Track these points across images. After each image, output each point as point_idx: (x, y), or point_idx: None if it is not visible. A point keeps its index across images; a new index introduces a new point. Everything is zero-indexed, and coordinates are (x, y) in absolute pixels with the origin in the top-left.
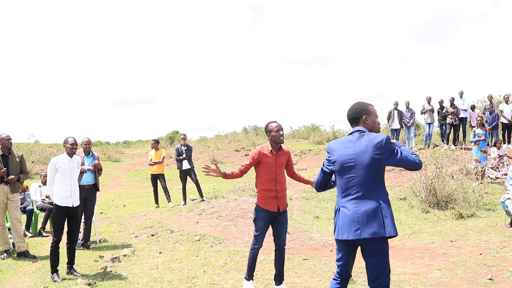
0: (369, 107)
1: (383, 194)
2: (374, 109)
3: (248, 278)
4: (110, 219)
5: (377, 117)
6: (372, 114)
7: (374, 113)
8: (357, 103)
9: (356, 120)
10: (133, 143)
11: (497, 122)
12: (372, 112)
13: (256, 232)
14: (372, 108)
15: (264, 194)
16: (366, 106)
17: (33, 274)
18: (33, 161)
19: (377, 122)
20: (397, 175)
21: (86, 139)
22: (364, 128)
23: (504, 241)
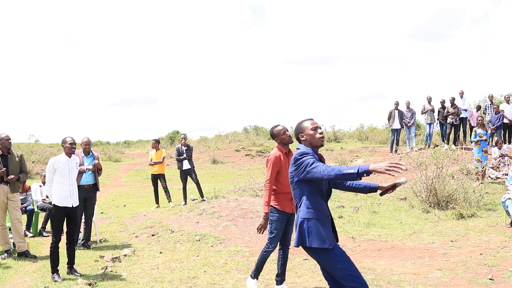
0: (301, 124)
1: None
2: (307, 123)
3: (254, 276)
4: (111, 219)
5: (312, 128)
6: (306, 129)
7: (307, 127)
8: (296, 125)
9: (299, 140)
10: (134, 143)
11: (501, 122)
12: (305, 127)
13: (271, 235)
14: (304, 123)
15: (280, 196)
16: (299, 125)
17: (34, 274)
18: (34, 161)
19: (314, 133)
20: (398, 175)
21: (86, 139)
22: (303, 145)
23: (505, 241)
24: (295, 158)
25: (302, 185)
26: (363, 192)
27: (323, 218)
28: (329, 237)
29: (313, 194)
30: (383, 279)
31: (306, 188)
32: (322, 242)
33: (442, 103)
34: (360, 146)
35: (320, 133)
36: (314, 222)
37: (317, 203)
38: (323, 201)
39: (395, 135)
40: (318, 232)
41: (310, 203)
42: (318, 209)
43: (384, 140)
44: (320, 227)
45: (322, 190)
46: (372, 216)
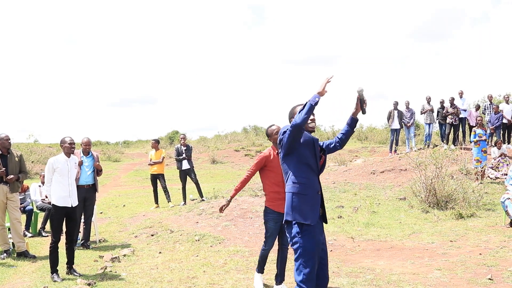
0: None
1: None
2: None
3: (259, 271)
4: (110, 219)
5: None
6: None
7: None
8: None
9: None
10: (133, 143)
11: (501, 122)
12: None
13: (267, 233)
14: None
15: (272, 196)
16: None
17: (33, 274)
18: (33, 161)
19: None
20: (397, 175)
21: (86, 140)
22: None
23: (504, 241)
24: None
25: (288, 159)
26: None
27: (311, 193)
28: (312, 213)
29: (299, 168)
30: (382, 279)
31: (292, 162)
32: (301, 216)
33: (442, 103)
34: (359, 146)
35: (312, 119)
36: (299, 197)
37: (304, 177)
38: (312, 175)
39: (394, 135)
40: (300, 207)
41: (296, 178)
42: (304, 183)
43: (384, 140)
44: (304, 202)
45: (310, 163)
46: (371, 216)
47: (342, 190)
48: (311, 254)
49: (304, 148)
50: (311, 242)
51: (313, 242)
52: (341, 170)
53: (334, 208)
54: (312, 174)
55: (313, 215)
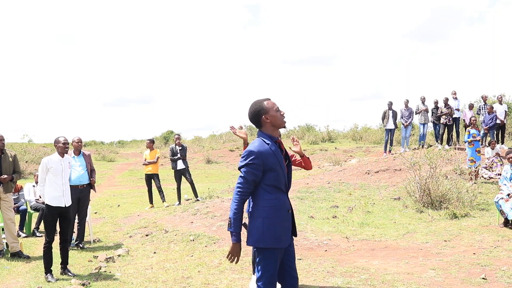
0: (263, 104)
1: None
2: (270, 102)
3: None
4: (105, 219)
5: (275, 109)
6: (270, 110)
7: (270, 107)
8: (253, 104)
9: (258, 123)
10: (128, 143)
11: (495, 122)
12: (268, 107)
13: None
14: (267, 103)
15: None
16: (260, 105)
17: (27, 274)
18: (27, 161)
19: (277, 115)
20: (392, 175)
21: (77, 138)
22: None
23: (498, 240)
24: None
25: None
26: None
27: (281, 213)
28: (283, 235)
29: (267, 190)
30: (377, 278)
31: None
32: (274, 242)
33: (436, 104)
34: (354, 146)
35: (282, 114)
36: (271, 221)
37: (274, 199)
38: (282, 194)
39: (389, 135)
40: (273, 232)
41: (264, 201)
42: (276, 205)
43: (378, 140)
44: (276, 226)
45: (278, 184)
46: (366, 216)
47: (337, 190)
48: (273, 259)
49: (271, 171)
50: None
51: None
52: (336, 170)
53: (329, 208)
54: (281, 193)
55: (286, 236)
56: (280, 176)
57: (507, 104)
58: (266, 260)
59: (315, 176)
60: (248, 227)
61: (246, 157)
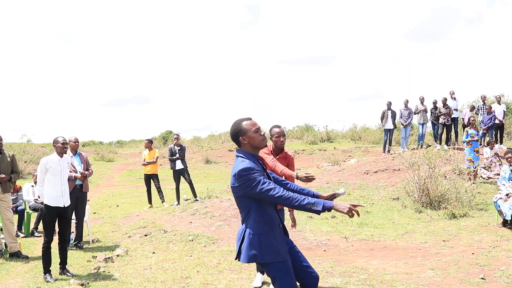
0: (241, 125)
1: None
2: (249, 123)
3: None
4: (103, 219)
5: (255, 130)
6: (248, 131)
7: (249, 128)
8: (233, 124)
9: (238, 143)
10: (127, 143)
11: (493, 122)
12: (246, 128)
13: None
14: (245, 124)
15: None
16: (238, 126)
17: (26, 274)
18: (26, 161)
19: (256, 136)
20: (390, 175)
21: (74, 138)
22: (244, 150)
23: (496, 240)
24: (239, 174)
25: (247, 199)
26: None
27: (275, 228)
28: (281, 249)
29: (261, 206)
30: (375, 278)
31: (253, 202)
32: (275, 256)
33: (434, 104)
34: (353, 146)
35: (262, 134)
36: (267, 237)
37: (268, 215)
38: (272, 210)
39: (387, 135)
40: (270, 247)
41: (259, 217)
42: (269, 221)
43: (377, 140)
44: (272, 241)
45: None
46: (365, 216)
47: (335, 190)
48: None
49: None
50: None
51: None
52: (334, 170)
53: None
54: (272, 209)
55: (282, 249)
56: None
57: (506, 104)
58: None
59: (314, 176)
60: (244, 244)
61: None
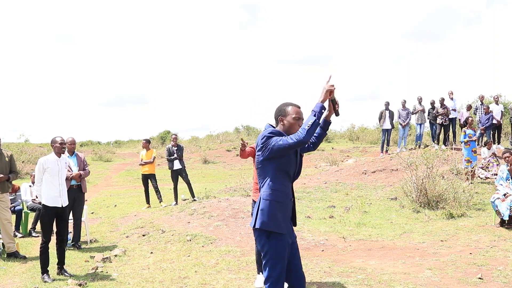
0: (286, 108)
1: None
2: (293, 110)
3: (259, 271)
4: (101, 219)
5: (295, 117)
6: (288, 115)
7: (290, 114)
8: (282, 103)
9: (276, 121)
10: (125, 143)
11: (491, 122)
12: (289, 113)
13: None
14: (291, 108)
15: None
16: (283, 106)
17: (23, 274)
18: (24, 161)
19: (293, 123)
20: (388, 175)
21: (71, 139)
22: (278, 130)
23: (494, 240)
24: (265, 136)
25: (267, 165)
26: (325, 134)
27: (285, 200)
28: (285, 222)
29: (278, 175)
30: (373, 278)
31: (272, 168)
32: (277, 226)
33: (432, 104)
34: (351, 146)
35: (300, 125)
36: (276, 204)
37: (282, 184)
38: (288, 183)
39: (385, 135)
40: (276, 215)
41: (274, 184)
42: (281, 190)
43: (375, 140)
44: (280, 210)
45: (289, 171)
46: (363, 216)
47: (333, 190)
48: (280, 257)
49: (287, 156)
50: (280, 246)
51: (282, 246)
52: (332, 170)
53: (326, 208)
54: (289, 180)
55: (286, 223)
56: (292, 163)
57: (503, 104)
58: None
59: (311, 176)
60: (255, 208)
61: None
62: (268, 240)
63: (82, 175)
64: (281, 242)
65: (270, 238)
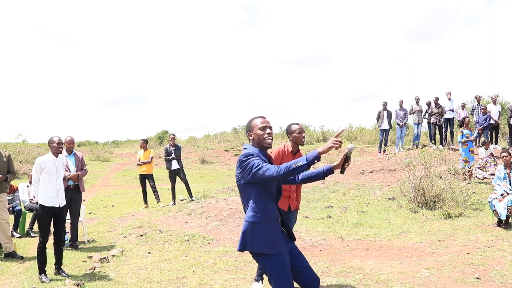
0: (252, 122)
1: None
2: (257, 121)
3: (258, 279)
4: (99, 219)
5: (261, 127)
6: (254, 128)
7: (256, 125)
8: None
9: (248, 138)
10: (122, 143)
11: (488, 122)
12: (254, 125)
13: None
14: (254, 121)
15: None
16: (249, 122)
17: (21, 275)
18: (21, 161)
19: (260, 134)
20: (386, 175)
21: (69, 138)
22: (250, 145)
23: (491, 240)
24: (240, 160)
25: (248, 187)
26: (320, 179)
27: (271, 221)
28: (274, 242)
29: (260, 196)
30: (371, 278)
31: (254, 190)
32: (266, 247)
33: (429, 104)
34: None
35: (268, 133)
36: (260, 226)
37: (265, 205)
38: (272, 203)
39: (383, 135)
40: (262, 237)
41: (256, 206)
42: (265, 211)
43: (373, 140)
44: (265, 232)
45: (270, 191)
46: (360, 216)
47: (331, 190)
48: (281, 269)
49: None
50: (276, 262)
51: (279, 258)
52: None
53: (324, 208)
54: (271, 201)
55: (273, 243)
56: (273, 184)
57: (501, 104)
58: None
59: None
60: (242, 232)
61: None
62: (264, 259)
63: (79, 176)
64: (276, 258)
65: (265, 257)
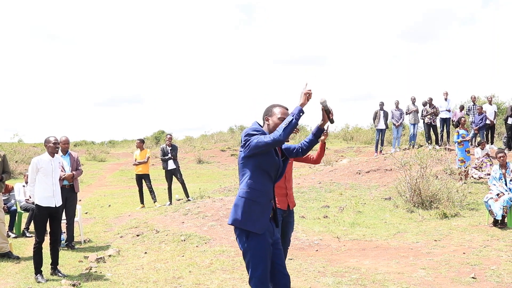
0: (273, 108)
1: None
2: (279, 110)
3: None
4: (95, 219)
5: (281, 118)
6: (274, 115)
7: (276, 114)
8: (269, 105)
9: (263, 121)
10: (119, 142)
11: (484, 122)
12: (275, 113)
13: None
14: (277, 109)
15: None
16: (270, 108)
17: (17, 275)
18: (17, 161)
19: (277, 123)
20: (382, 175)
21: (64, 138)
22: (262, 129)
23: (487, 240)
24: (247, 133)
25: (248, 162)
26: (315, 142)
27: (263, 201)
28: (261, 222)
29: (257, 173)
30: (367, 278)
31: (252, 166)
32: (254, 225)
33: (424, 104)
34: (345, 146)
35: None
36: (249, 203)
37: (260, 183)
38: (268, 183)
39: (379, 135)
40: (253, 214)
41: (252, 183)
42: (259, 189)
43: (369, 140)
44: (254, 209)
45: (269, 171)
46: (357, 216)
47: (327, 190)
48: (260, 257)
49: (266, 155)
50: (259, 246)
51: (262, 245)
52: (327, 170)
53: (320, 208)
54: (269, 181)
55: (262, 223)
56: (272, 163)
57: (497, 104)
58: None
59: (306, 176)
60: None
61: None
62: (247, 240)
63: (74, 175)
64: (260, 242)
65: (249, 238)
